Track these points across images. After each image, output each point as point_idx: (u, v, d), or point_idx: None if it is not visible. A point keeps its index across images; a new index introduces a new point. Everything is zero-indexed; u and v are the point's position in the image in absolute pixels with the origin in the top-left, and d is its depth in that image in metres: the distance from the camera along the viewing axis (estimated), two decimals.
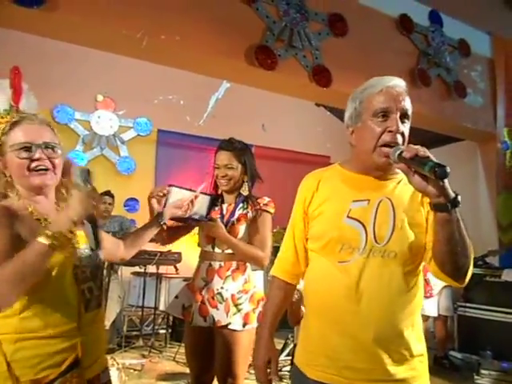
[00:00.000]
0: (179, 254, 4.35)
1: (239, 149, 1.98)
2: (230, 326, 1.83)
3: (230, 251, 1.92)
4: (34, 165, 1.13)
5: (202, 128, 5.27)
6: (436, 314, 4.07)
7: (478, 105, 4.43)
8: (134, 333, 4.31)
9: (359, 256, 1.11)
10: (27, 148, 1.14)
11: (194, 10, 2.85)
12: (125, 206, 4.87)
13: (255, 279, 1.98)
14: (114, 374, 2.48)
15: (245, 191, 1.98)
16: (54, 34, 2.72)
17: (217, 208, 2.01)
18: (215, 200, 2.02)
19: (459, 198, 0.96)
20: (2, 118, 2.14)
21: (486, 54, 4.65)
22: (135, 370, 3.46)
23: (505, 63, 4.72)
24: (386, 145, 1.09)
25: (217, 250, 1.93)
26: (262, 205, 1.91)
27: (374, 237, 1.11)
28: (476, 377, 3.54)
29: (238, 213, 1.95)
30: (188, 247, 2.28)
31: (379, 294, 1.09)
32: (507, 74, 4.73)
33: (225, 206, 2.01)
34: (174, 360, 3.79)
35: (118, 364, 2.77)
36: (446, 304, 4.13)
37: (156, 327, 4.41)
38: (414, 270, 1.13)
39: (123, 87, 4.63)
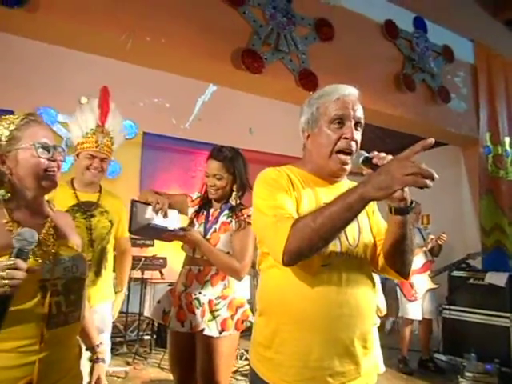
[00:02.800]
0: (165, 259, 4.30)
1: (229, 158, 1.95)
2: (205, 332, 1.81)
3: None
4: (51, 165, 1.12)
5: (188, 131, 5.24)
6: (420, 318, 4.11)
7: (462, 110, 4.50)
8: (118, 339, 4.24)
9: (338, 258, 1.13)
10: (47, 148, 1.11)
11: (180, 13, 2.82)
12: None
13: (235, 285, 1.96)
14: None
15: (233, 200, 1.97)
16: (36, 35, 2.65)
17: (205, 212, 2.00)
18: (204, 205, 2.02)
19: (414, 204, 1.06)
20: (89, 137, 2.18)
21: (469, 60, 4.73)
22: (119, 377, 3.41)
23: (487, 70, 4.81)
24: (340, 151, 1.16)
25: (197, 254, 1.92)
26: (246, 216, 1.88)
27: (347, 239, 1.15)
28: (460, 379, 3.57)
29: (221, 220, 1.94)
30: (174, 252, 2.25)
31: (359, 294, 1.14)
32: (489, 80, 4.82)
33: (211, 211, 2.01)
34: (158, 367, 3.75)
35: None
36: (430, 307, 4.19)
37: (141, 333, 4.35)
38: (371, 270, 1.23)
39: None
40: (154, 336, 4.34)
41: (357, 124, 1.19)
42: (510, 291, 3.99)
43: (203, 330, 1.81)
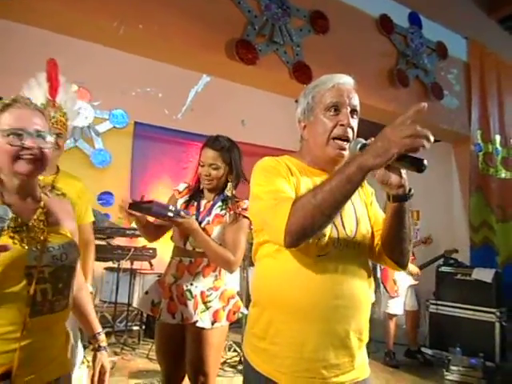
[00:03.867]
0: (154, 249, 4.28)
1: (226, 148, 1.93)
2: (198, 324, 1.80)
3: (201, 248, 1.89)
4: (23, 153, 1.07)
5: (181, 122, 5.19)
6: (401, 312, 4.19)
7: (454, 107, 4.53)
8: (107, 329, 4.21)
9: (335, 249, 1.12)
10: (18, 134, 1.07)
11: (174, 1, 2.78)
12: (99, 199, 4.74)
13: (226, 276, 1.95)
14: (84, 372, 2.42)
15: (229, 191, 1.94)
16: (31, 21, 2.60)
17: (195, 203, 1.97)
18: (195, 195, 1.98)
19: (412, 191, 1.05)
20: None
21: (462, 57, 4.75)
22: None
23: (480, 67, 4.84)
24: (337, 138, 1.16)
25: (188, 246, 1.89)
26: (241, 209, 1.85)
27: (344, 229, 1.15)
28: (446, 372, 3.63)
29: (214, 212, 1.91)
30: (163, 243, 2.23)
31: (356, 285, 1.13)
32: (482, 78, 4.85)
33: (203, 203, 1.97)
34: (147, 357, 3.74)
35: (88, 362, 2.70)
36: (412, 302, 4.26)
37: (129, 324, 4.33)
38: (368, 260, 1.23)
39: (99, 77, 4.49)
40: (143, 326, 4.33)
41: (353, 111, 1.18)
42: (496, 287, 4.05)
43: (196, 321, 1.81)
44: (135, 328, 4.40)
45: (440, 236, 4.67)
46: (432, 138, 0.86)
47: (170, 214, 1.75)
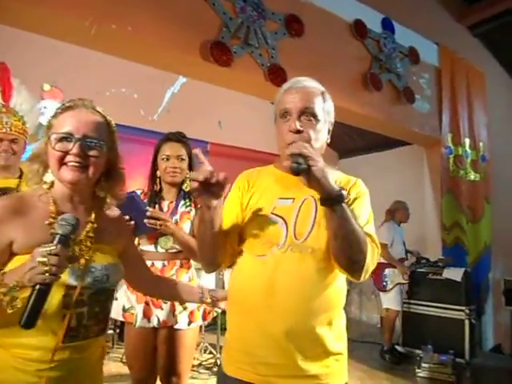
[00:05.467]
0: None
1: (187, 142, 1.96)
2: (176, 326, 1.80)
3: (173, 250, 1.88)
4: (68, 159, 1.03)
5: (156, 123, 5.14)
6: (399, 308, 4.36)
7: (425, 111, 4.64)
8: None
9: (277, 250, 1.13)
10: (66, 139, 1.03)
11: (149, 1, 2.76)
12: None
13: (200, 277, 1.97)
14: None
15: (187, 187, 1.94)
16: None
17: (156, 206, 1.95)
18: (152, 198, 1.96)
19: (344, 193, 1.03)
20: None
21: (433, 62, 4.88)
22: None
23: (450, 72, 4.98)
24: (290, 144, 1.14)
25: (160, 249, 1.88)
26: None
27: (294, 233, 1.15)
28: (417, 370, 3.72)
29: (180, 210, 1.92)
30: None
31: (293, 288, 1.11)
32: (452, 83, 4.99)
33: (165, 203, 1.97)
34: (120, 361, 3.69)
35: None
36: (395, 301, 4.37)
37: None
38: (329, 267, 1.14)
39: (73, 77, 4.41)
40: (117, 330, 4.26)
41: (304, 113, 1.16)
42: (465, 286, 4.18)
43: (174, 324, 1.80)
44: (109, 332, 4.33)
45: (412, 236, 4.79)
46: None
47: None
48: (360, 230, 1.07)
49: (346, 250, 1.06)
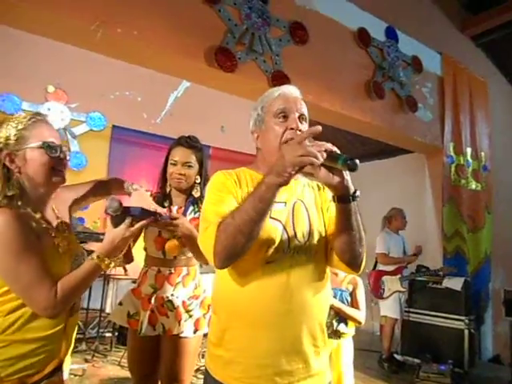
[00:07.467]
0: None
1: (199, 147, 1.94)
2: (181, 334, 1.78)
3: (181, 257, 1.87)
4: (58, 164, 1.20)
5: (159, 126, 5.16)
6: (398, 316, 4.32)
7: (428, 119, 4.66)
8: (78, 336, 4.12)
9: (284, 255, 1.13)
10: (54, 148, 1.18)
11: (154, 6, 2.78)
12: None
13: (204, 284, 1.95)
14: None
15: (197, 193, 1.93)
16: (6, 20, 2.54)
17: (165, 209, 1.95)
18: (161, 202, 1.95)
19: (358, 192, 1.06)
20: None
21: (436, 71, 4.90)
22: (76, 375, 3.32)
23: (453, 82, 5.00)
24: (287, 142, 1.16)
25: (168, 256, 1.87)
26: None
27: (296, 236, 1.16)
28: (416, 379, 3.70)
29: (189, 216, 1.90)
30: (138, 248, 2.20)
31: (306, 290, 1.14)
32: (454, 93, 5.01)
33: (174, 209, 1.96)
34: (118, 364, 3.68)
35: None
36: (394, 309, 4.35)
37: (102, 330, 4.25)
38: (324, 267, 1.22)
39: (77, 79, 4.44)
40: (116, 333, 4.25)
41: (301, 117, 1.21)
42: (465, 295, 4.17)
43: (180, 332, 1.78)
44: (108, 335, 4.32)
45: (414, 244, 4.78)
46: (320, 158, 0.93)
47: (163, 216, 1.67)
48: (362, 227, 1.14)
49: (354, 244, 1.11)
